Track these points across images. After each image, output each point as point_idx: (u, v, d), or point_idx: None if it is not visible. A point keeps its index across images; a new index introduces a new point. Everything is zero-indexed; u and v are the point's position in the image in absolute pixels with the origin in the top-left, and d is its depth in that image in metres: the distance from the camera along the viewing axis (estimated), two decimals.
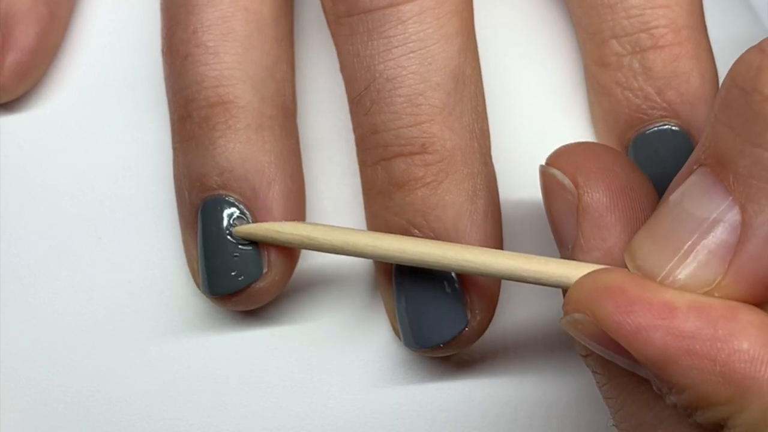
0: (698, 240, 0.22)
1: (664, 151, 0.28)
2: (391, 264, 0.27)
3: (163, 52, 0.28)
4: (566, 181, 0.24)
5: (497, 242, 0.27)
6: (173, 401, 0.28)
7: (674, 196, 0.22)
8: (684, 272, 0.22)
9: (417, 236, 0.26)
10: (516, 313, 0.28)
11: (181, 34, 0.28)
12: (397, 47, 0.26)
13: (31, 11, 0.29)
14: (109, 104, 0.30)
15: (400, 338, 0.27)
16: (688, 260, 0.22)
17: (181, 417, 0.28)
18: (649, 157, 0.28)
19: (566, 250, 0.25)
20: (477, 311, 0.26)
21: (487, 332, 0.27)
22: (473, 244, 0.26)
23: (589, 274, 0.22)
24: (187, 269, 0.28)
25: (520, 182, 0.29)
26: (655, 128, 0.28)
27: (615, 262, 0.23)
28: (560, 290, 0.24)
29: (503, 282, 0.27)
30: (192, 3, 0.27)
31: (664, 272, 0.22)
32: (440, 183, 0.26)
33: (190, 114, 0.27)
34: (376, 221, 0.27)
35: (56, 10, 0.30)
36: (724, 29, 0.31)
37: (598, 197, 0.24)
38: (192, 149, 0.27)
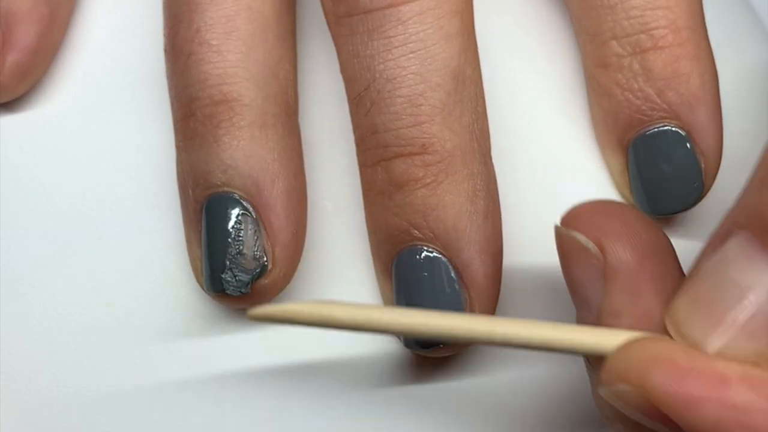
0: (744, 309, 0.21)
1: (664, 152, 0.28)
2: (391, 264, 0.27)
3: (165, 50, 0.28)
4: (590, 245, 0.23)
5: (497, 242, 0.27)
6: (173, 401, 0.28)
7: (716, 259, 0.22)
8: (731, 342, 0.21)
9: (417, 236, 0.26)
10: (516, 313, 0.28)
11: (184, 32, 0.28)
12: (397, 47, 0.26)
13: (31, 11, 0.29)
14: (109, 104, 0.30)
15: (399, 338, 0.28)
16: (734, 330, 0.21)
17: (181, 417, 0.28)
18: (648, 158, 0.28)
19: (589, 314, 0.24)
20: (477, 311, 0.26)
21: None
22: (473, 245, 0.26)
23: (633, 343, 0.22)
24: (188, 269, 0.28)
25: (520, 182, 0.29)
26: (655, 129, 0.28)
27: (648, 327, 0.23)
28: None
29: (503, 282, 0.27)
30: (195, 2, 0.27)
31: (710, 341, 0.21)
32: (440, 183, 0.26)
33: (194, 112, 0.27)
34: (376, 222, 0.27)
35: (57, 9, 0.30)
36: (724, 30, 0.31)
37: (626, 261, 0.23)
38: (196, 147, 0.27)
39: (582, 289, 0.24)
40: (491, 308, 0.27)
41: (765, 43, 0.33)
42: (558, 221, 0.24)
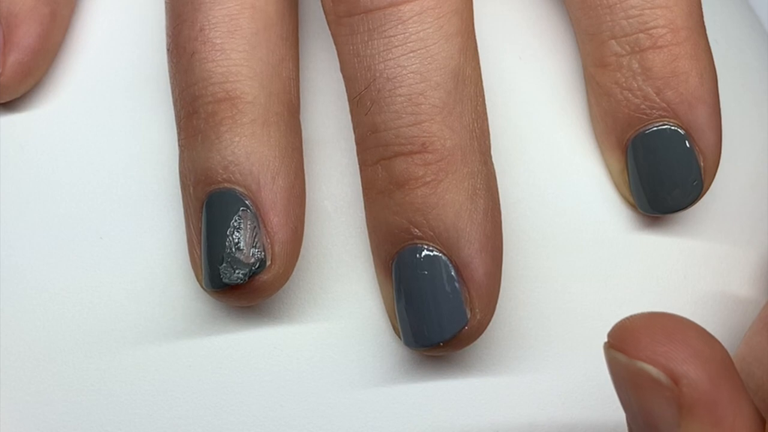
0: None
1: (663, 151, 0.28)
2: (391, 262, 0.27)
3: (168, 49, 0.28)
4: (662, 377, 0.21)
5: (497, 241, 0.27)
6: (174, 401, 0.28)
7: None
8: None
9: (417, 235, 0.26)
10: (516, 312, 0.28)
11: (187, 31, 0.28)
12: (397, 47, 0.26)
13: (33, 11, 0.29)
14: (110, 104, 0.30)
15: (400, 337, 0.28)
16: None
17: (181, 417, 0.28)
18: (648, 157, 0.28)
19: None
20: (477, 310, 0.26)
21: (486, 331, 0.27)
22: (473, 244, 0.26)
23: None
24: (188, 269, 0.28)
25: (520, 182, 0.29)
26: (655, 128, 0.28)
27: None
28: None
29: (503, 281, 0.27)
30: (199, 1, 0.28)
31: None
32: (440, 182, 0.26)
33: (197, 110, 0.27)
34: (376, 220, 0.27)
35: (58, 9, 0.30)
36: (724, 30, 0.31)
37: (704, 390, 0.21)
38: (198, 144, 0.27)
39: (650, 422, 0.22)
40: (491, 307, 0.27)
41: (764, 43, 0.33)
42: (606, 340, 0.22)
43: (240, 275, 0.26)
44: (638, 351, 0.21)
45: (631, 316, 0.22)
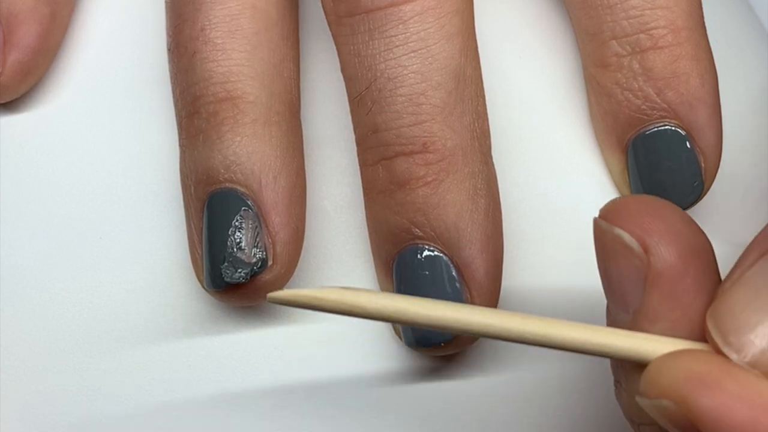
0: None
1: (663, 152, 0.28)
2: (392, 263, 0.27)
3: (169, 49, 0.28)
4: (634, 245, 0.22)
5: (498, 241, 0.27)
6: (174, 401, 0.28)
7: (761, 265, 0.21)
8: None
9: (418, 235, 0.26)
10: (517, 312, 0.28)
11: (188, 31, 0.28)
12: (398, 47, 0.26)
13: (33, 11, 0.29)
14: (110, 104, 0.30)
15: (400, 338, 0.28)
16: None
17: (181, 417, 0.28)
18: (648, 158, 0.28)
19: (624, 315, 0.23)
20: None
21: None
22: (474, 244, 0.26)
23: (677, 357, 0.21)
24: (189, 269, 0.28)
25: (520, 182, 0.29)
26: (655, 128, 0.28)
27: (685, 332, 0.22)
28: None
29: (504, 281, 0.27)
30: (200, 1, 0.28)
31: (751, 348, 0.21)
32: (441, 182, 0.26)
33: (198, 110, 0.27)
34: (377, 220, 0.27)
35: (58, 9, 0.30)
36: (724, 30, 0.31)
37: (670, 264, 0.22)
38: (200, 144, 0.27)
39: (619, 287, 0.23)
40: (492, 306, 0.27)
41: (764, 43, 0.33)
42: (597, 214, 0.23)
43: (242, 275, 0.26)
44: (619, 220, 0.23)
45: (626, 196, 0.23)
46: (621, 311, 0.23)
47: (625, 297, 0.23)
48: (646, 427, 0.23)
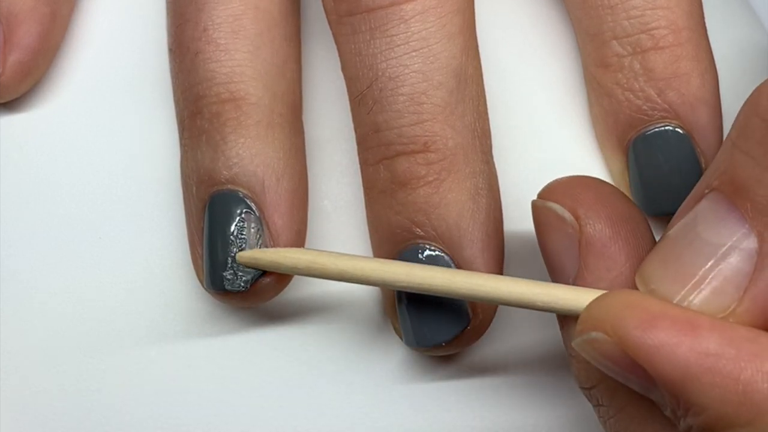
0: (713, 267, 0.22)
1: (664, 152, 0.28)
2: None
3: (171, 49, 0.28)
4: (566, 215, 0.24)
5: (499, 240, 0.27)
6: (173, 401, 0.28)
7: (686, 220, 0.22)
8: (698, 298, 0.22)
9: (419, 235, 0.26)
10: (517, 312, 0.28)
11: (191, 31, 0.28)
12: (399, 46, 0.26)
13: (33, 11, 0.29)
14: (109, 104, 0.30)
15: (401, 337, 0.28)
16: (703, 287, 0.22)
17: (181, 417, 0.28)
18: (649, 158, 0.28)
19: (567, 283, 0.24)
20: (478, 310, 0.26)
21: (488, 331, 0.27)
22: (475, 243, 0.26)
23: (607, 294, 0.22)
24: (189, 269, 0.28)
25: (520, 182, 0.29)
26: (656, 129, 0.28)
27: None
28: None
29: None
30: (202, 1, 0.28)
31: (679, 297, 0.22)
32: (442, 181, 0.26)
33: (201, 110, 0.27)
34: (378, 220, 0.27)
35: (58, 9, 0.30)
36: (724, 30, 0.31)
37: (600, 228, 0.24)
38: (202, 144, 0.27)
39: (558, 258, 0.24)
40: (493, 307, 0.27)
41: (765, 44, 0.33)
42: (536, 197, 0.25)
43: (242, 283, 0.26)
44: (551, 195, 0.25)
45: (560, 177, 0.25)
46: (561, 281, 0.24)
47: (564, 266, 0.24)
48: (595, 390, 0.24)
